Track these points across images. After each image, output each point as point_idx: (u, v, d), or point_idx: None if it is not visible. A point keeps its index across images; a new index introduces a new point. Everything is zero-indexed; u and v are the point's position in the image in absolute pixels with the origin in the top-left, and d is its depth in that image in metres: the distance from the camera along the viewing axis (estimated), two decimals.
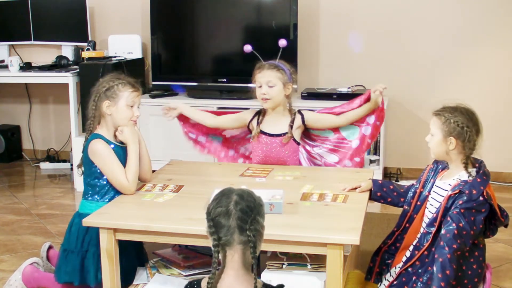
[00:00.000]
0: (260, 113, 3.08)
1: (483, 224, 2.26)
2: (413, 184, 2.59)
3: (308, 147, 3.11)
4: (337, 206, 2.43)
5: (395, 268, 2.49)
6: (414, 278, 2.29)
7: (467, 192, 2.22)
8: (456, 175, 2.34)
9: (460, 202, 2.22)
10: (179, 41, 4.67)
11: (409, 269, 2.31)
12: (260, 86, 2.94)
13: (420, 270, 2.29)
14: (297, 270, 2.40)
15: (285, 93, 2.98)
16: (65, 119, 4.95)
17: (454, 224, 2.18)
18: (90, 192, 2.65)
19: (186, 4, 4.63)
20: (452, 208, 2.23)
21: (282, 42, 3.08)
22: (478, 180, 2.25)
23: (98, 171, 2.61)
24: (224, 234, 1.68)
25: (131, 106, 2.65)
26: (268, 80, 2.92)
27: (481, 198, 2.21)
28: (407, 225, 2.50)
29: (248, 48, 3.07)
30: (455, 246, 2.16)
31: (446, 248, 2.16)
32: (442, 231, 2.21)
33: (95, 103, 2.64)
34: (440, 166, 2.46)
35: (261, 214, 1.74)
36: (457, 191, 2.25)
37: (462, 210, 2.20)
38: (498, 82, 4.37)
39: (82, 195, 2.69)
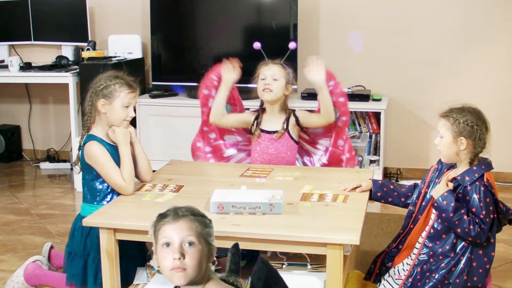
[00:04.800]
0: (259, 114, 3.10)
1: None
2: (416, 183, 2.59)
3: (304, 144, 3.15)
4: (337, 206, 2.43)
5: (394, 268, 2.50)
6: (427, 274, 2.32)
7: (459, 178, 2.29)
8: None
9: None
10: (179, 41, 4.67)
11: (424, 266, 2.34)
12: (264, 79, 2.98)
13: (433, 267, 2.32)
14: (297, 270, 2.40)
15: (285, 92, 3.02)
16: (65, 119, 4.94)
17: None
18: (90, 195, 2.65)
19: (186, 4, 4.64)
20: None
21: (293, 45, 3.18)
22: (474, 168, 2.30)
23: (95, 173, 2.61)
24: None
25: (126, 107, 2.64)
26: (273, 73, 2.98)
27: (476, 182, 2.26)
28: (411, 226, 2.50)
29: (257, 45, 3.13)
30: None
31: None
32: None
33: (91, 100, 2.63)
34: (445, 166, 2.46)
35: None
36: (451, 179, 2.32)
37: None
38: (498, 82, 4.37)
39: (83, 198, 2.68)
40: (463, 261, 2.28)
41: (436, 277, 2.30)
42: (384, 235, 3.39)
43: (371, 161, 4.28)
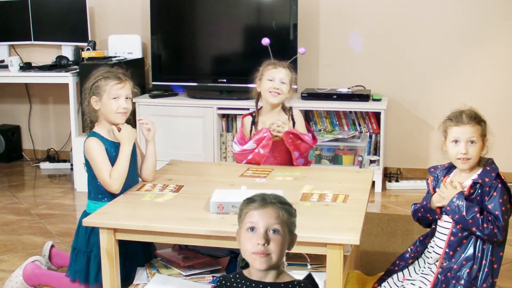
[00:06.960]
0: (254, 116, 3.12)
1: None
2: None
3: None
4: (337, 206, 2.43)
5: (397, 274, 2.49)
6: (453, 282, 2.29)
7: (480, 181, 2.28)
8: (473, 176, 2.35)
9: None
10: (179, 41, 4.67)
11: (447, 273, 2.30)
12: (272, 80, 3.01)
13: (458, 273, 2.29)
14: (297, 270, 2.39)
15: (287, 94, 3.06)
16: (65, 119, 4.95)
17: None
18: (93, 192, 2.67)
19: (186, 4, 4.63)
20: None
21: (302, 50, 3.30)
22: (488, 168, 2.31)
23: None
24: None
25: (115, 98, 2.64)
26: (282, 77, 3.01)
27: (494, 181, 2.27)
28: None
29: (266, 41, 3.18)
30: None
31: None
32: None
33: (86, 99, 2.69)
34: (439, 173, 2.45)
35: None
36: (471, 184, 2.29)
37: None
38: (497, 82, 4.37)
39: (88, 195, 2.71)
40: (486, 265, 2.27)
41: (462, 283, 2.26)
42: (384, 235, 3.39)
43: (371, 161, 4.28)
